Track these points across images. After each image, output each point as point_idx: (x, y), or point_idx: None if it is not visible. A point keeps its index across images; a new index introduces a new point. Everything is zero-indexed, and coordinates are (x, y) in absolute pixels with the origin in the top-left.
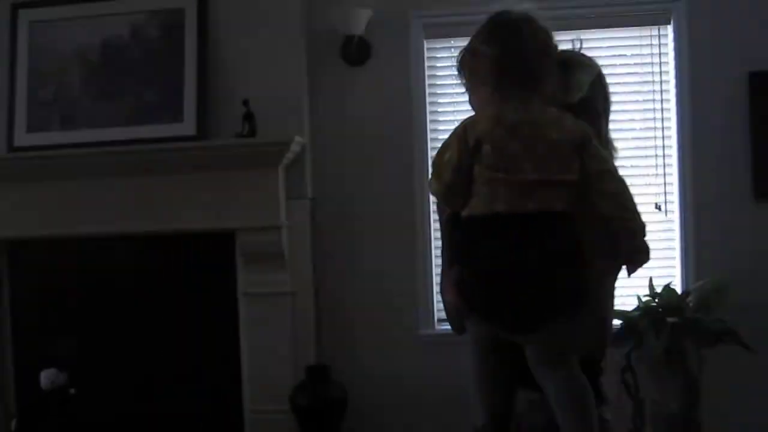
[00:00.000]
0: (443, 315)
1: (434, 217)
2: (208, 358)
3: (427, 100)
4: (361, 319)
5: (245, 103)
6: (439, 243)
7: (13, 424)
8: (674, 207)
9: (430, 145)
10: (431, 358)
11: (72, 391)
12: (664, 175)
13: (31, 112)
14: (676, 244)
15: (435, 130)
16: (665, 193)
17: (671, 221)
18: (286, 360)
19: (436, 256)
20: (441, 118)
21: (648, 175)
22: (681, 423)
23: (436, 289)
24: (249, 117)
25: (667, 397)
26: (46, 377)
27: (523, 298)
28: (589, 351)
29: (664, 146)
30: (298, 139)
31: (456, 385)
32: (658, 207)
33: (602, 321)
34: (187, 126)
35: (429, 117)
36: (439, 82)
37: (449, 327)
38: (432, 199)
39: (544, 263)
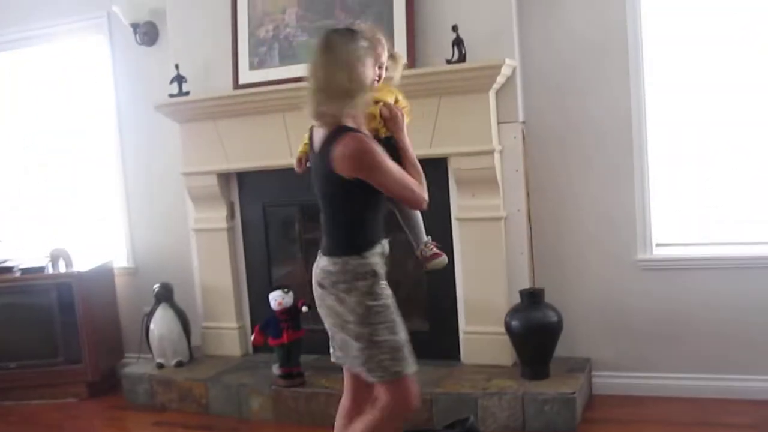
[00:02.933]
0: (662, 240)
1: (651, 138)
2: (423, 279)
3: (642, 15)
4: (576, 243)
5: (454, 28)
6: (656, 164)
7: (252, 338)
8: None
9: (645, 64)
10: (648, 283)
11: (305, 309)
12: None
13: (252, 51)
14: None
15: (652, 49)
16: None
17: None
18: (501, 284)
19: (653, 178)
20: (658, 35)
21: None
22: None
23: (653, 212)
24: (458, 42)
25: None
26: (274, 298)
27: None
28: None
29: None
30: (508, 62)
31: (673, 310)
32: None
33: None
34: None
35: (644, 35)
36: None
37: (666, 253)
38: (650, 120)
39: None
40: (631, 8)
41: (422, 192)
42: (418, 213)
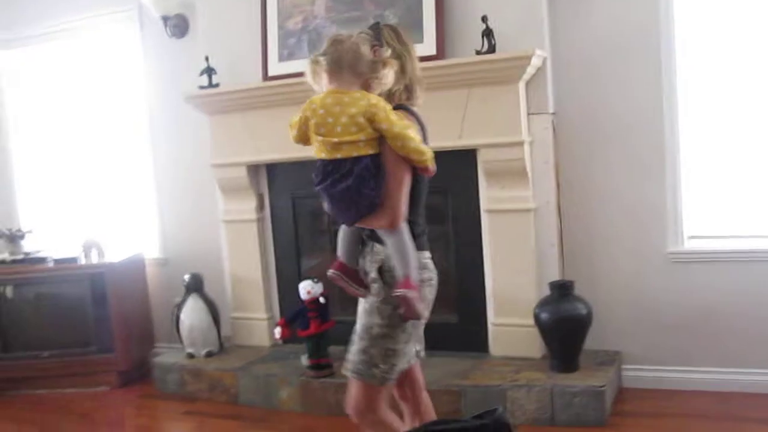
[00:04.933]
0: (694, 233)
1: (682, 129)
2: (452, 271)
3: (675, 4)
4: (606, 235)
5: (484, 19)
6: (688, 155)
7: (277, 332)
8: None
9: (676, 55)
10: (679, 276)
11: (322, 300)
12: None
13: (281, 43)
14: None
15: (684, 41)
16: None
17: None
18: (530, 276)
19: (684, 169)
20: (690, 26)
21: None
22: None
23: (685, 204)
24: (488, 33)
25: None
26: (303, 288)
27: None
28: None
29: None
30: (538, 52)
31: (704, 304)
32: None
33: None
34: (427, 46)
35: (676, 26)
36: None
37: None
38: (681, 111)
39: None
40: (666, 5)
41: None
42: None
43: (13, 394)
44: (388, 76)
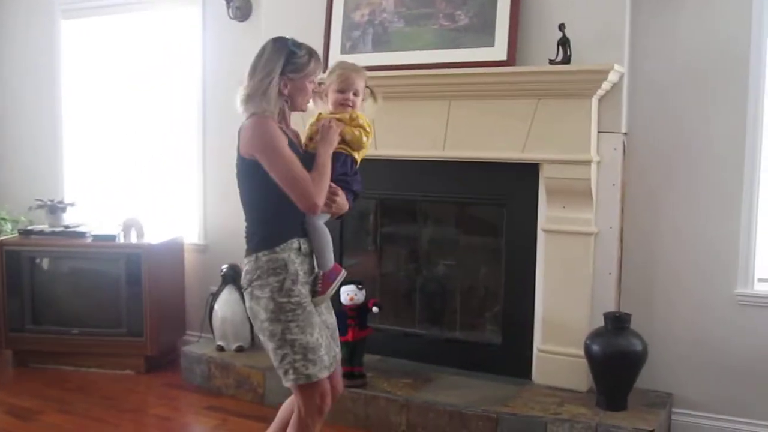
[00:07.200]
0: (765, 275)
1: (764, 165)
2: (500, 289)
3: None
4: (670, 269)
5: (561, 27)
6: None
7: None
8: None
9: (766, 85)
10: (745, 320)
11: (375, 309)
12: None
13: (345, 35)
14: None
15: None
16: None
17: None
18: (584, 303)
19: (762, 207)
20: None
21: None
22: None
23: (759, 245)
24: (564, 43)
25: None
26: (346, 293)
27: None
28: None
29: None
30: (617, 68)
31: None
32: None
33: None
34: (498, 51)
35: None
36: None
37: None
38: (765, 144)
39: None
40: (757, 18)
41: (316, 194)
42: (324, 239)
43: (39, 368)
44: None
